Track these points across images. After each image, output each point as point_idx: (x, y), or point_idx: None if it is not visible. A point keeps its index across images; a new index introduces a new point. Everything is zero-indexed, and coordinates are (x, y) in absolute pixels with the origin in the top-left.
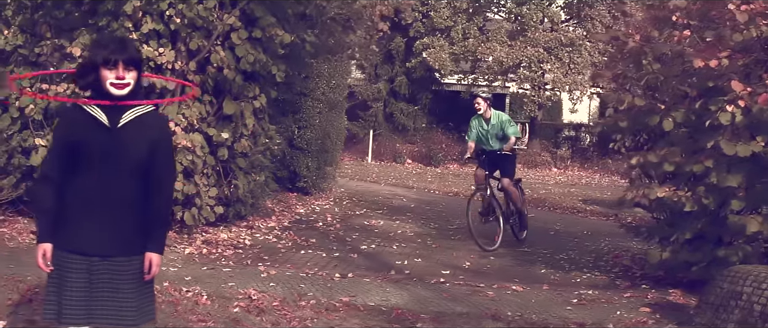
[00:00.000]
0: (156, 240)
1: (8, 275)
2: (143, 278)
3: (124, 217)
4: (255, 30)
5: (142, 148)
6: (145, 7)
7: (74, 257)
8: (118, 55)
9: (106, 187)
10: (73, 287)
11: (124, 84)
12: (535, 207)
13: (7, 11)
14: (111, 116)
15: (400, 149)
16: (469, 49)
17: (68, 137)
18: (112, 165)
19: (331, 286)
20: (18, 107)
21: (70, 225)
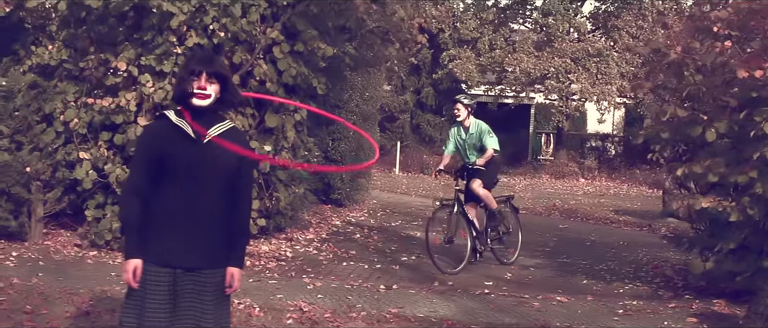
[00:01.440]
0: (237, 254)
1: (60, 287)
2: (224, 291)
3: (208, 230)
4: (297, 43)
5: (229, 162)
6: (190, 22)
7: (159, 269)
8: (202, 67)
9: (191, 200)
10: (156, 299)
11: (206, 94)
12: (566, 218)
13: (51, 26)
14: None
15: (427, 160)
16: (496, 60)
17: (155, 150)
18: (198, 178)
19: (378, 297)
20: (62, 121)
21: (155, 237)
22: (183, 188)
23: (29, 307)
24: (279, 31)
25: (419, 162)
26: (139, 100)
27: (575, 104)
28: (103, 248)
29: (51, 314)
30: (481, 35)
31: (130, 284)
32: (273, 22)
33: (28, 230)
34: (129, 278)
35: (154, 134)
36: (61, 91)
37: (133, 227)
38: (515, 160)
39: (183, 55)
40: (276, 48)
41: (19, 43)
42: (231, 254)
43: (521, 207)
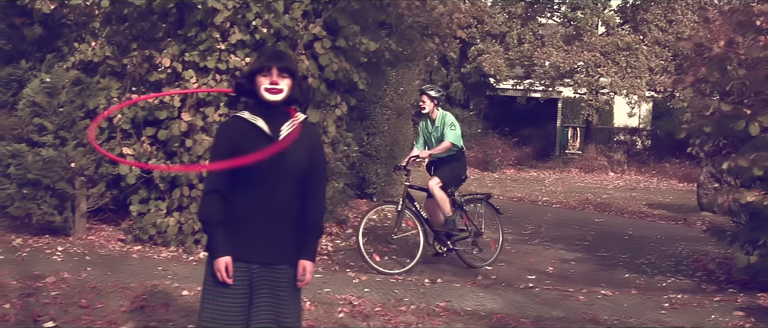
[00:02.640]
0: (310, 248)
1: (111, 282)
2: (297, 285)
3: (284, 225)
4: (339, 39)
5: (303, 158)
6: (233, 18)
7: (236, 264)
8: (273, 62)
9: (268, 196)
10: (233, 295)
11: (278, 89)
12: (601, 212)
13: (94, 23)
14: (272, 126)
15: None
16: (524, 54)
17: (232, 147)
18: (274, 174)
19: (424, 291)
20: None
21: (232, 234)
22: (258, 184)
23: (84, 301)
24: (321, 26)
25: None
26: (182, 96)
27: (604, 98)
28: (147, 242)
29: (106, 308)
30: (510, 29)
31: (225, 280)
32: (314, 17)
33: (71, 225)
34: (223, 276)
35: (230, 132)
36: (105, 88)
37: (216, 224)
38: (544, 155)
39: (226, 51)
40: (318, 43)
41: (62, 40)
42: (304, 247)
43: (554, 201)
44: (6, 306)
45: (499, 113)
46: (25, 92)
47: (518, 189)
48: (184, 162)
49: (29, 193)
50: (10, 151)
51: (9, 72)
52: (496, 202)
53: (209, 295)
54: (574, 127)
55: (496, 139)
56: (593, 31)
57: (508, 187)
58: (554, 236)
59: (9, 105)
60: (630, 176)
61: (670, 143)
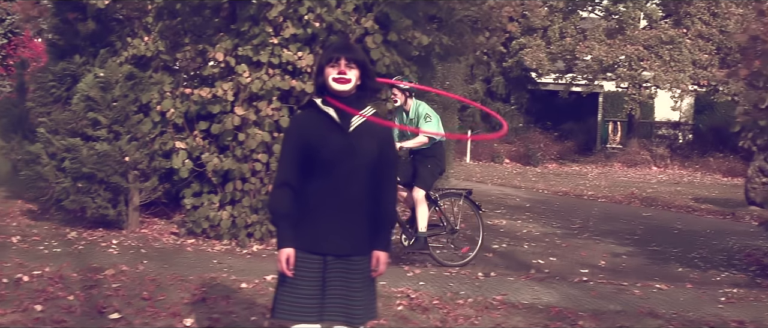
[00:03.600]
0: (383, 239)
1: (169, 274)
2: (371, 275)
3: (357, 216)
4: (390, 33)
5: (374, 149)
6: (286, 12)
7: (310, 256)
8: (341, 53)
9: (341, 187)
10: (307, 286)
11: (346, 79)
12: (647, 206)
13: (147, 18)
14: (343, 119)
15: (497, 149)
16: (566, 48)
17: (303, 140)
18: (347, 166)
19: (479, 284)
20: (159, 111)
21: (306, 225)
22: (331, 175)
23: (146, 293)
24: (372, 20)
25: (490, 151)
26: (235, 90)
27: (648, 92)
28: (200, 236)
29: (168, 300)
30: (551, 23)
31: (285, 272)
32: (366, 12)
33: (125, 219)
34: (283, 267)
35: (302, 124)
36: (157, 82)
37: (285, 217)
38: (585, 149)
39: (279, 46)
40: (369, 38)
41: (115, 35)
42: (377, 238)
43: (599, 195)
44: (70, 298)
45: (540, 108)
46: (80, 87)
47: (562, 183)
48: (237, 156)
49: (84, 186)
50: (64, 145)
51: (63, 67)
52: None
53: (283, 286)
54: (615, 122)
55: (537, 133)
56: (635, 24)
57: (551, 181)
58: (603, 230)
59: (63, 100)
60: (673, 171)
61: (713, 137)
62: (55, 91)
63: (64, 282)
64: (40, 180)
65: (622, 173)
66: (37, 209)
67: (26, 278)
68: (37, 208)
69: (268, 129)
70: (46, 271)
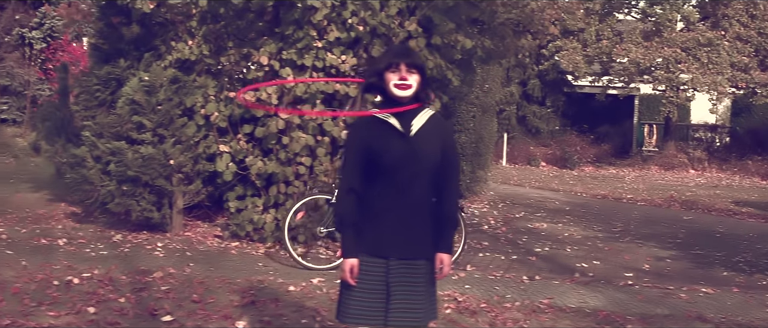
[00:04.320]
0: (447, 241)
1: (217, 277)
2: (433, 278)
3: (419, 220)
4: (434, 36)
5: (435, 152)
6: (330, 16)
7: (373, 259)
8: (401, 58)
9: (403, 191)
10: (370, 289)
11: (407, 85)
12: (687, 209)
13: (191, 22)
14: (403, 123)
15: (533, 152)
16: (603, 51)
17: (365, 146)
18: (409, 170)
19: (525, 288)
20: (203, 115)
21: (370, 229)
22: (394, 179)
23: (196, 296)
24: (416, 24)
25: (526, 154)
26: (279, 94)
27: (687, 95)
28: (244, 239)
29: (218, 302)
30: (588, 26)
31: (349, 281)
32: (409, 15)
33: (169, 221)
34: (347, 277)
35: (362, 131)
36: (201, 86)
37: (350, 224)
38: (621, 152)
39: (323, 49)
40: (412, 41)
41: (159, 39)
42: (440, 240)
43: (638, 198)
44: (121, 300)
45: (576, 110)
46: (125, 91)
47: (600, 187)
48: (280, 159)
49: (129, 189)
50: (109, 148)
51: (107, 71)
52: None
53: (348, 290)
54: (650, 124)
55: (574, 136)
56: (672, 26)
57: (589, 184)
58: (645, 233)
59: (108, 103)
60: (711, 174)
61: (751, 140)
62: (100, 94)
63: (113, 284)
64: (86, 183)
65: (660, 176)
66: (80, 212)
67: (76, 281)
68: (80, 210)
69: (312, 132)
70: (95, 273)
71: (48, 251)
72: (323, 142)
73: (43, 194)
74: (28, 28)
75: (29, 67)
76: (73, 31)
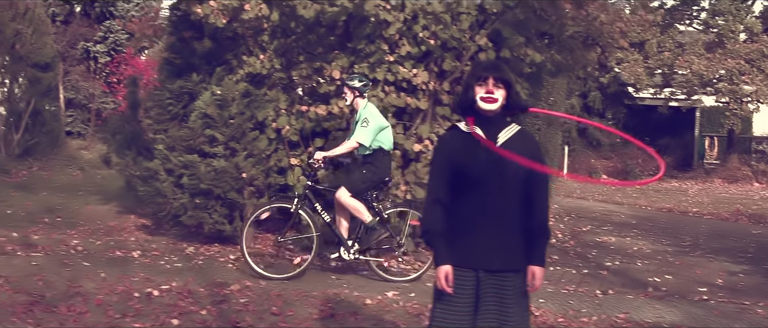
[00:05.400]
0: (539, 253)
1: (293, 290)
2: (525, 291)
3: (507, 232)
4: (503, 50)
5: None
6: (402, 30)
7: (463, 271)
8: (489, 72)
9: (490, 204)
10: (461, 301)
11: (493, 99)
12: (755, 223)
13: (263, 36)
14: (489, 136)
15: (595, 165)
16: (665, 63)
17: (452, 160)
18: (495, 183)
19: (599, 302)
20: (274, 128)
21: (458, 242)
22: (481, 192)
23: (275, 308)
24: (486, 38)
25: (587, 166)
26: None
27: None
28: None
29: (297, 315)
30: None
31: (445, 289)
32: (479, 29)
33: (240, 234)
34: (442, 284)
35: (448, 145)
36: (272, 99)
37: (439, 235)
38: (684, 165)
39: (395, 63)
40: (482, 54)
41: (231, 53)
42: (532, 253)
43: (704, 212)
44: (203, 312)
45: (637, 123)
46: (197, 104)
47: (663, 200)
48: None
49: (201, 202)
50: (182, 161)
51: (180, 85)
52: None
53: (439, 302)
54: (711, 136)
55: (635, 149)
56: (736, 37)
57: (652, 198)
58: (714, 247)
59: (180, 117)
60: None
61: None
62: (172, 108)
63: (193, 297)
64: (158, 196)
65: (723, 189)
66: (151, 224)
67: (156, 293)
68: (151, 223)
69: None
70: (174, 285)
71: (123, 262)
72: (395, 155)
73: (112, 206)
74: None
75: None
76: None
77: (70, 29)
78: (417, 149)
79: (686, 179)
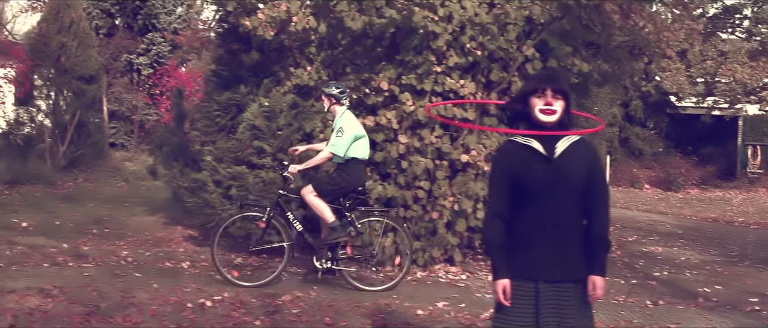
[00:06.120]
0: (599, 263)
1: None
2: (586, 300)
3: (567, 242)
4: (550, 60)
5: (581, 175)
6: (449, 41)
7: (523, 283)
8: (547, 84)
9: (549, 215)
10: (521, 313)
11: (552, 110)
12: None
13: (310, 48)
14: (547, 147)
15: (637, 174)
16: (707, 71)
17: (509, 171)
18: (554, 193)
19: (650, 313)
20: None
21: (518, 253)
22: (540, 203)
23: (328, 319)
24: (533, 48)
25: (629, 176)
26: (399, 118)
27: None
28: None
29: (350, 326)
30: (691, 46)
31: (502, 302)
32: (526, 39)
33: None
34: (500, 298)
35: (507, 156)
36: (320, 111)
37: (499, 247)
38: (727, 174)
39: (442, 74)
40: (529, 65)
41: (278, 65)
42: (592, 262)
43: (750, 222)
44: (257, 323)
45: (679, 132)
46: (245, 116)
47: (708, 209)
48: (399, 184)
49: None
50: (230, 173)
51: (228, 97)
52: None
53: (500, 314)
54: (754, 145)
55: (678, 158)
56: None
57: (696, 207)
58: (763, 257)
59: (228, 129)
60: None
61: None
62: (220, 120)
63: (245, 307)
64: (207, 207)
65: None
66: (198, 235)
67: (209, 304)
68: (198, 233)
69: (431, 156)
70: (226, 296)
71: (174, 273)
72: (442, 166)
73: (158, 217)
74: (136, 54)
75: (137, 92)
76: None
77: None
78: (464, 160)
79: (730, 189)
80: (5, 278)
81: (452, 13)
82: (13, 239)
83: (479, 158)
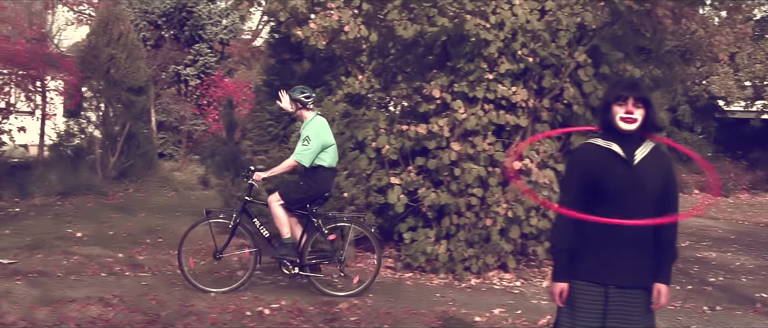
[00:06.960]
0: (665, 271)
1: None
2: (649, 308)
3: (640, 249)
4: (602, 66)
5: (657, 182)
6: (502, 49)
7: (592, 287)
8: (629, 92)
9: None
10: (587, 317)
11: (632, 119)
12: None
13: (361, 57)
14: (626, 152)
15: (685, 179)
16: (756, 75)
17: (588, 175)
18: (631, 198)
19: (708, 318)
20: (374, 148)
21: (589, 256)
22: (615, 207)
23: (386, 326)
24: (585, 54)
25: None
26: (451, 126)
27: None
28: (416, 270)
29: None
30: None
31: (557, 303)
32: (577, 45)
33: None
34: (556, 300)
35: (585, 159)
36: (371, 119)
37: (565, 250)
38: None
39: (494, 81)
40: (581, 71)
41: (330, 75)
42: (659, 270)
43: None
44: None
45: (728, 136)
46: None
47: (760, 214)
48: (452, 191)
49: None
50: None
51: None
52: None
53: (563, 316)
54: None
55: (727, 163)
56: None
57: (748, 212)
58: None
59: (280, 138)
60: None
61: None
62: (273, 129)
63: (304, 315)
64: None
65: None
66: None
67: (267, 312)
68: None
69: (484, 164)
70: (283, 304)
71: (230, 282)
72: (495, 173)
73: None
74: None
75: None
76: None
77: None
78: (517, 167)
79: None
80: (64, 288)
81: (504, 21)
82: (68, 249)
83: (532, 166)
